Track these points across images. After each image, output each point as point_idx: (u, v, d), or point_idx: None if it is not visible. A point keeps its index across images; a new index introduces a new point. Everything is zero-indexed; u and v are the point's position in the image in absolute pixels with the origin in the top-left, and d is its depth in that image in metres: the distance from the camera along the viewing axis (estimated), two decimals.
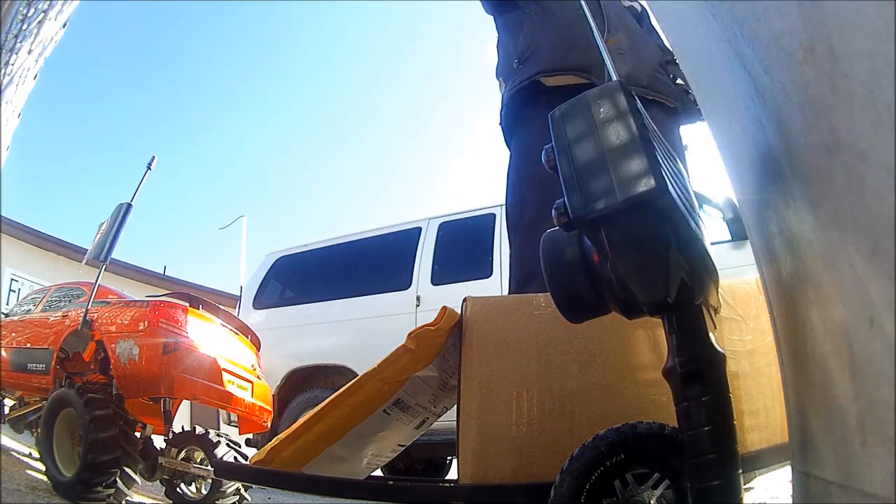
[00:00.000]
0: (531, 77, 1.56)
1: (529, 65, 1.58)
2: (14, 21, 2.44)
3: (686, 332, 0.64)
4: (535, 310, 1.03)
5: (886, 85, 0.34)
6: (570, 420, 0.96)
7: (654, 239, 0.60)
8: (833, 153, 0.42)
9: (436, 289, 3.47)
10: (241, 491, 2.73)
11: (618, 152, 0.61)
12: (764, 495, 1.82)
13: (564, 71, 1.53)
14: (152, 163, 3.09)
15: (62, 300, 3.33)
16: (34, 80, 3.07)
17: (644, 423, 0.75)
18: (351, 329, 3.60)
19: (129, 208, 2.93)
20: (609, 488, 0.75)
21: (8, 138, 2.82)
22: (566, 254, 0.68)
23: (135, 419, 2.60)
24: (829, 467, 0.51)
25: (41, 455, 2.56)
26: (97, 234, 3.06)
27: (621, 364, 0.99)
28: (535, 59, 1.58)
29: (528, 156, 1.55)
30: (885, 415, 0.38)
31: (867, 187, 0.38)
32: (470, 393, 1.00)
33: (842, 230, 0.42)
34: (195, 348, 2.68)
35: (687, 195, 0.70)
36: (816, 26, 0.41)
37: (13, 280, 7.87)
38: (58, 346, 2.83)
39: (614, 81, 0.66)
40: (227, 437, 2.79)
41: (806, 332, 0.56)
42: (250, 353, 3.16)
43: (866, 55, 0.36)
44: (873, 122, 0.36)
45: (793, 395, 0.64)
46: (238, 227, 5.61)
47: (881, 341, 0.38)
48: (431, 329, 1.02)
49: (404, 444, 1.34)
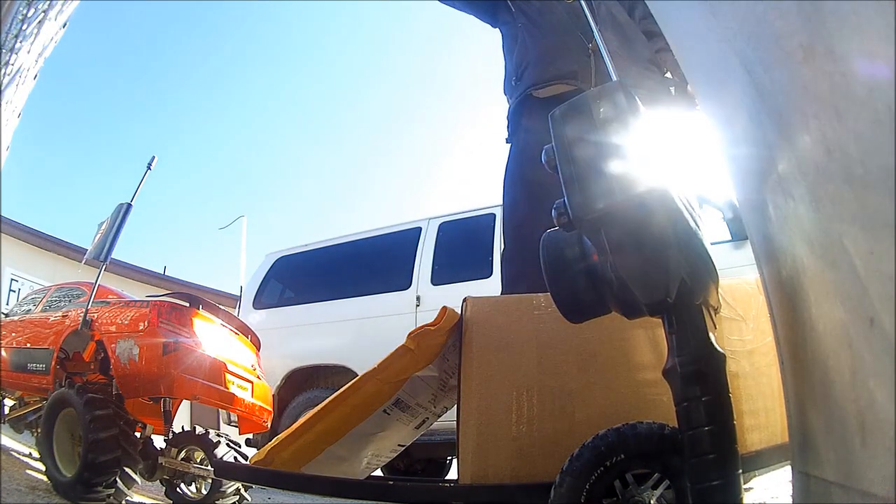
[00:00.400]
0: (524, 92, 1.68)
1: (523, 80, 1.70)
2: (14, 21, 2.44)
3: (686, 332, 0.64)
4: (535, 310, 1.03)
5: (886, 85, 0.34)
6: (570, 420, 0.96)
7: (654, 239, 0.60)
8: (833, 153, 0.42)
9: (436, 289, 3.47)
10: (241, 491, 2.73)
11: (618, 152, 0.61)
12: (764, 495, 1.82)
13: (551, 81, 1.65)
14: (152, 163, 3.09)
15: (62, 300, 3.33)
16: (34, 80, 3.06)
17: (644, 423, 0.75)
18: (351, 329, 3.60)
19: (129, 208, 2.93)
20: (609, 488, 0.75)
21: (8, 138, 2.82)
22: (566, 254, 0.68)
23: (135, 419, 2.60)
24: (829, 467, 0.51)
25: (41, 455, 2.56)
26: (97, 234, 3.05)
27: (621, 364, 0.99)
28: (527, 75, 1.70)
29: (522, 159, 1.65)
30: (885, 415, 0.38)
31: (867, 187, 0.38)
32: (470, 393, 1.00)
33: (842, 230, 0.42)
34: (195, 348, 2.68)
35: (687, 195, 0.70)
36: (816, 26, 0.41)
37: (13, 280, 7.87)
38: (58, 346, 2.83)
39: (614, 81, 0.66)
40: (227, 437, 2.79)
41: (806, 332, 0.56)
42: (250, 353, 3.16)
43: (866, 55, 0.36)
44: (873, 122, 0.36)
45: (793, 395, 0.64)
46: (238, 227, 5.61)
47: (881, 341, 0.38)
48: (431, 329, 1.02)
49: (404, 444, 1.34)
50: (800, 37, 0.43)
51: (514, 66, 1.75)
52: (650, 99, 1.58)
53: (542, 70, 1.67)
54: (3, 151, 2.72)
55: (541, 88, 1.65)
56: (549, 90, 1.64)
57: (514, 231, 1.62)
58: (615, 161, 0.61)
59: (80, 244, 8.39)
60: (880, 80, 0.35)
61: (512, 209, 1.65)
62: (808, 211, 0.49)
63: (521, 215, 1.59)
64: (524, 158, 1.63)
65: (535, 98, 1.66)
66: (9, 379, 3.06)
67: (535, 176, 1.49)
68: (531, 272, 1.37)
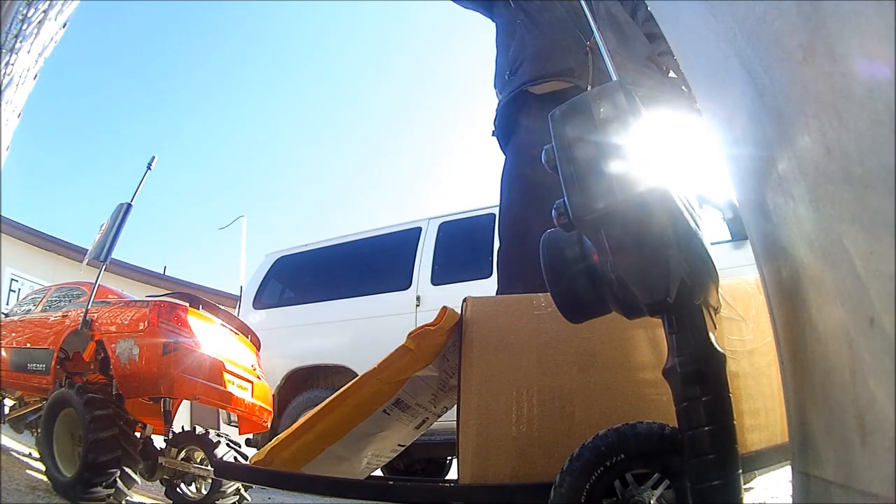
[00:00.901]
0: (519, 87, 1.67)
1: (518, 75, 1.69)
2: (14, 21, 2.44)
3: (686, 332, 0.64)
4: (535, 310, 1.03)
5: (886, 85, 0.34)
6: (570, 420, 0.96)
7: (654, 239, 0.60)
8: (833, 153, 0.42)
9: (436, 289, 3.47)
10: (241, 491, 2.73)
11: (618, 152, 0.61)
12: (764, 495, 1.82)
13: (548, 78, 1.64)
14: (152, 163, 3.09)
15: (62, 300, 3.32)
16: (34, 80, 3.06)
17: (644, 423, 0.75)
18: (351, 329, 3.60)
19: (129, 208, 2.93)
20: (609, 488, 0.75)
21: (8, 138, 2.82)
22: (566, 254, 0.68)
23: (135, 419, 2.59)
24: (829, 467, 0.51)
25: (41, 455, 2.56)
26: (98, 235, 3.05)
27: (621, 364, 0.99)
28: (523, 70, 1.69)
29: (519, 159, 1.64)
30: (885, 415, 0.38)
31: (867, 187, 0.38)
32: (470, 393, 1.00)
33: (842, 230, 0.42)
34: (195, 348, 2.68)
35: (687, 195, 0.70)
36: (816, 26, 0.41)
37: (13, 280, 7.87)
38: (58, 346, 2.83)
39: (614, 81, 0.66)
40: (227, 437, 2.79)
41: (806, 332, 0.56)
42: (250, 353, 3.16)
43: (866, 55, 0.36)
44: (873, 122, 0.36)
45: (793, 395, 0.64)
46: (238, 227, 5.60)
47: (881, 341, 0.38)
48: (431, 329, 1.02)
49: (404, 444, 1.34)
50: (800, 37, 0.43)
51: (510, 61, 1.74)
52: (650, 99, 1.58)
53: (539, 66, 1.66)
54: (3, 151, 2.72)
55: (537, 85, 1.65)
56: (546, 87, 1.63)
57: (510, 230, 1.61)
58: (615, 161, 0.61)
59: (80, 244, 8.40)
60: (880, 80, 0.35)
61: (508, 208, 1.64)
62: (808, 211, 0.49)
63: (517, 214, 1.59)
64: (522, 157, 1.62)
65: (531, 94, 1.65)
66: (9, 379, 3.06)
67: (533, 175, 1.49)
68: (527, 272, 1.38)
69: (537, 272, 0.73)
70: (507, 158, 1.70)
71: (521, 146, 1.64)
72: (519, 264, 1.51)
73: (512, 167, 1.67)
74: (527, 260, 1.39)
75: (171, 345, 2.57)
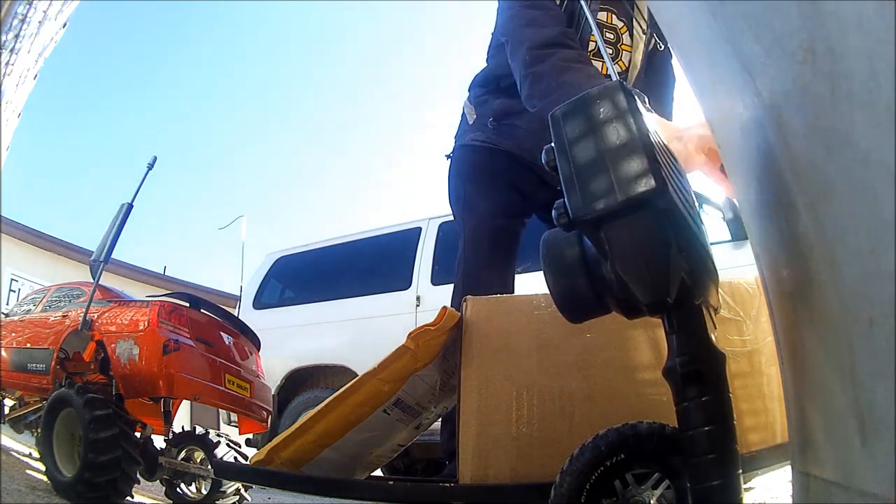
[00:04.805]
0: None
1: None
2: (14, 21, 2.45)
3: (686, 332, 0.64)
4: (535, 310, 1.03)
5: (886, 85, 0.34)
6: (570, 420, 0.96)
7: (654, 239, 0.60)
8: (833, 153, 0.42)
9: (436, 289, 3.46)
10: (241, 491, 2.73)
11: (617, 152, 0.61)
12: (764, 495, 1.82)
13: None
14: (153, 163, 3.09)
15: (62, 300, 3.32)
16: (34, 80, 3.06)
17: (644, 423, 0.75)
18: (351, 329, 3.59)
19: (129, 208, 2.93)
20: (609, 488, 0.75)
21: (8, 138, 2.82)
22: (566, 254, 0.68)
23: (135, 419, 2.59)
24: (829, 467, 0.51)
25: (41, 455, 2.56)
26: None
27: (621, 364, 0.99)
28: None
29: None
30: (885, 415, 0.38)
31: (867, 187, 0.38)
32: (470, 393, 1.00)
33: (842, 230, 0.42)
34: (195, 348, 2.68)
35: (687, 195, 0.70)
36: (816, 26, 0.41)
37: (13, 280, 7.87)
38: (58, 346, 2.82)
39: (614, 81, 0.66)
40: (227, 437, 2.80)
41: (806, 333, 0.56)
42: (250, 353, 3.16)
43: (866, 55, 0.36)
44: (873, 122, 0.36)
45: (793, 395, 0.64)
46: (238, 227, 5.61)
47: (881, 341, 0.38)
48: (431, 329, 1.02)
49: (404, 444, 1.34)
50: (800, 37, 0.43)
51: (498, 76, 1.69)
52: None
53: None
54: (3, 151, 2.72)
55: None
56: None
57: (465, 283, 1.53)
58: (615, 161, 0.60)
59: (80, 244, 8.42)
60: (880, 80, 0.35)
61: (472, 262, 1.56)
62: (808, 211, 0.49)
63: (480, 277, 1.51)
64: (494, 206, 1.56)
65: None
66: (9, 379, 3.06)
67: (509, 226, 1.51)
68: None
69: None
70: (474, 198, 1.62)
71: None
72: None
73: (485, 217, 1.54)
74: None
75: (172, 345, 2.57)
